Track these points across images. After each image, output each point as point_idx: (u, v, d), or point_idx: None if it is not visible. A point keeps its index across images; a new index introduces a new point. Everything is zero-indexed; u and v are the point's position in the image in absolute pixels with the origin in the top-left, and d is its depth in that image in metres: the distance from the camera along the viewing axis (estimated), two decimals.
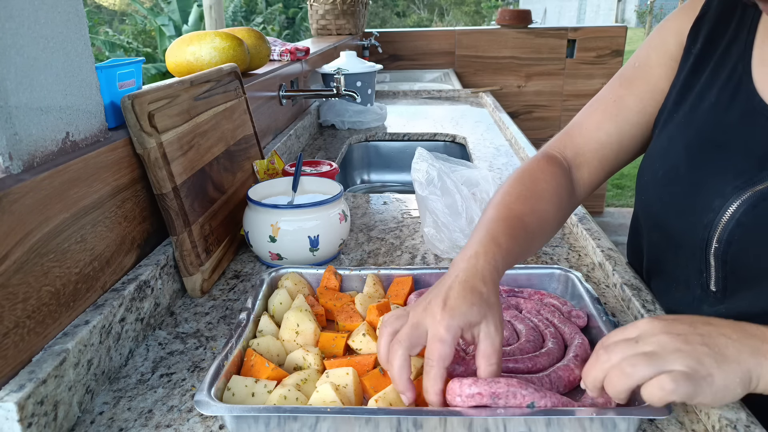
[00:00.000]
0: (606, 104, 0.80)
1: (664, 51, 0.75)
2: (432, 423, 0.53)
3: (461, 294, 0.54)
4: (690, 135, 0.68)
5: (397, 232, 1.08)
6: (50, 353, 0.56)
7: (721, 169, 0.63)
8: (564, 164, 0.79)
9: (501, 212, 0.67)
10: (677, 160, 0.68)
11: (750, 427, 0.53)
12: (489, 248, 0.60)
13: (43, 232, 0.57)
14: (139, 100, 0.76)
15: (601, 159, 0.80)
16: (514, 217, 0.66)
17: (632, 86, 0.78)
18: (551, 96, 3.71)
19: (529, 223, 0.67)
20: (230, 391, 0.57)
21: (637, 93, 0.77)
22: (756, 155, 0.61)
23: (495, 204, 0.69)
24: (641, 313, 0.74)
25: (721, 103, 0.65)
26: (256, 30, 1.44)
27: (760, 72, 0.63)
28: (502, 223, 0.65)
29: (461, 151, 1.95)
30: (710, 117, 0.66)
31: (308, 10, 3.22)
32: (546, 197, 0.72)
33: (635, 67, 0.79)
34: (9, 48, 0.55)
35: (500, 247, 0.61)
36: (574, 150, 0.81)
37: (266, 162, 1.18)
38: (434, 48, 3.66)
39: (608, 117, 0.79)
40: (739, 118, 0.63)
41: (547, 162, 0.78)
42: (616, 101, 0.78)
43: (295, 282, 0.78)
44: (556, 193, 0.74)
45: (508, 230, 0.64)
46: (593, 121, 0.80)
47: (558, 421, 0.53)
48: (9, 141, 0.56)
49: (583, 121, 0.82)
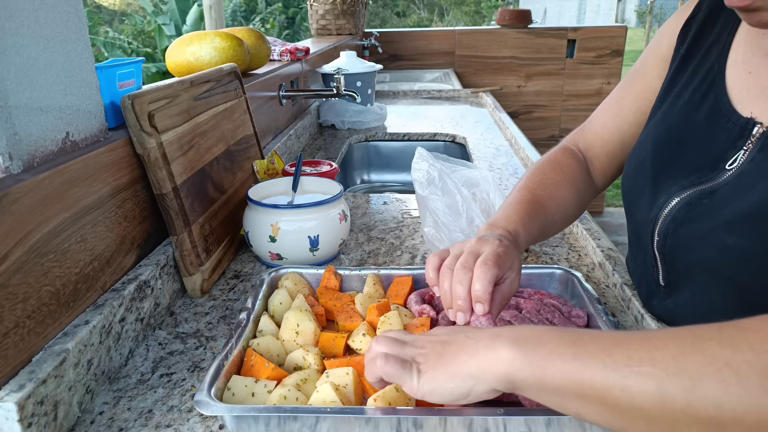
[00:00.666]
0: (610, 104, 0.85)
1: (657, 53, 0.77)
2: (432, 423, 0.53)
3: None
4: (660, 131, 0.69)
5: (397, 232, 1.08)
6: (50, 353, 0.56)
7: (678, 166, 0.65)
8: (580, 156, 0.86)
9: (524, 196, 0.74)
10: (645, 155, 0.70)
11: None
12: (513, 226, 0.68)
13: (43, 232, 0.57)
14: (139, 100, 0.76)
15: (608, 154, 0.85)
16: (536, 201, 0.74)
17: (631, 87, 0.81)
18: (551, 96, 3.71)
19: (548, 207, 0.75)
20: (230, 391, 0.57)
21: (635, 94, 0.80)
22: (711, 155, 0.61)
23: (518, 189, 0.76)
24: (641, 313, 0.74)
25: (693, 101, 0.66)
26: (256, 30, 1.44)
27: (732, 73, 0.63)
28: (525, 206, 0.72)
29: (461, 151, 1.95)
30: (681, 115, 0.67)
31: (308, 10, 3.22)
32: (564, 185, 0.79)
33: (636, 68, 0.82)
34: (9, 48, 0.55)
35: (524, 227, 0.69)
36: (585, 145, 0.87)
37: (266, 162, 1.18)
38: (434, 48, 3.66)
39: (611, 116, 0.84)
40: (704, 117, 0.64)
41: (564, 154, 0.84)
42: (618, 101, 0.83)
43: (295, 282, 0.78)
44: (573, 182, 0.81)
45: (531, 212, 0.71)
46: (599, 120, 0.86)
47: (558, 420, 0.53)
48: (9, 141, 0.56)
49: (593, 118, 0.88)
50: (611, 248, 0.93)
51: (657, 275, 0.69)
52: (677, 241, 0.63)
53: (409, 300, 0.75)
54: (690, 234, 0.61)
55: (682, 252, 0.63)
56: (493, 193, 0.96)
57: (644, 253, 0.71)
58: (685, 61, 0.70)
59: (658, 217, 0.65)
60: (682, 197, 0.62)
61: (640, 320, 0.74)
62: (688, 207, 0.62)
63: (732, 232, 0.56)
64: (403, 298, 0.76)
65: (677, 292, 0.67)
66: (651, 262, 0.69)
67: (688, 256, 0.62)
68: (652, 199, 0.67)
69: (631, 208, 0.73)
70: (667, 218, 0.64)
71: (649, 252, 0.68)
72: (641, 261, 0.73)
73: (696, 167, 0.62)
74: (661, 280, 0.69)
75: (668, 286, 0.68)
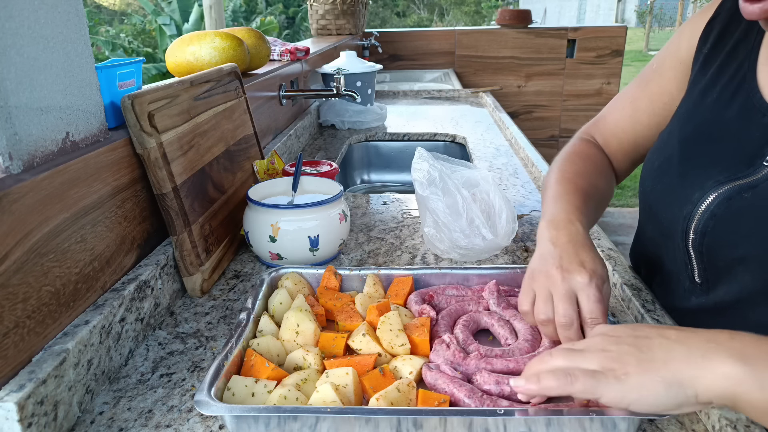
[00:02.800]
0: (624, 103, 0.85)
1: (676, 55, 0.76)
2: (432, 423, 0.53)
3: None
4: (688, 129, 0.69)
5: (397, 232, 1.08)
6: (50, 353, 0.56)
7: (710, 163, 0.64)
8: (600, 147, 0.88)
9: (569, 186, 0.73)
10: (672, 152, 0.70)
11: (750, 427, 0.53)
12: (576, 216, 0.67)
13: (43, 232, 0.57)
14: (139, 100, 0.76)
15: (622, 152, 0.87)
16: (581, 190, 0.73)
17: (647, 88, 0.81)
18: (551, 96, 3.71)
19: (592, 195, 0.74)
20: (230, 391, 0.57)
21: (649, 95, 0.80)
22: (746, 152, 0.61)
23: (558, 180, 0.75)
24: (641, 313, 0.74)
25: (723, 99, 0.65)
26: (256, 30, 1.44)
27: (764, 71, 0.62)
28: (576, 195, 0.71)
29: (461, 151, 1.95)
30: (710, 112, 0.66)
31: (308, 10, 3.22)
32: (596, 173, 0.79)
33: (652, 69, 0.81)
34: (9, 48, 0.55)
35: (584, 218, 0.68)
36: (601, 140, 0.88)
37: (266, 162, 1.18)
38: (434, 48, 3.66)
39: (625, 116, 0.84)
40: (736, 114, 0.63)
41: (588, 145, 0.85)
42: (632, 102, 0.83)
43: (295, 282, 0.78)
44: (603, 170, 0.82)
45: (584, 201, 0.71)
46: (613, 118, 0.87)
47: (558, 420, 0.53)
48: (9, 141, 0.56)
49: (606, 116, 0.88)
50: (611, 248, 0.93)
51: (692, 273, 0.67)
52: (717, 238, 0.61)
53: (409, 300, 0.75)
54: (732, 231, 0.60)
55: (723, 249, 0.61)
56: (493, 193, 0.96)
57: (674, 251, 0.69)
58: (708, 59, 0.70)
59: (693, 214, 0.63)
60: (720, 192, 0.61)
61: (640, 320, 0.74)
62: (728, 202, 0.60)
63: None
64: (403, 298, 0.76)
65: (715, 289, 0.65)
66: (683, 260, 0.68)
67: (730, 252, 0.60)
68: (684, 196, 0.65)
69: (656, 208, 0.72)
70: (704, 215, 0.62)
71: (681, 250, 0.67)
72: (671, 259, 0.71)
73: (731, 164, 0.61)
74: (696, 278, 0.67)
75: (705, 284, 0.66)
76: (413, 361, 0.63)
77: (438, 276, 0.79)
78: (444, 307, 0.75)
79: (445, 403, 0.56)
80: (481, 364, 0.61)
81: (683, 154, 0.67)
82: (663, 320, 0.72)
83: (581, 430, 0.53)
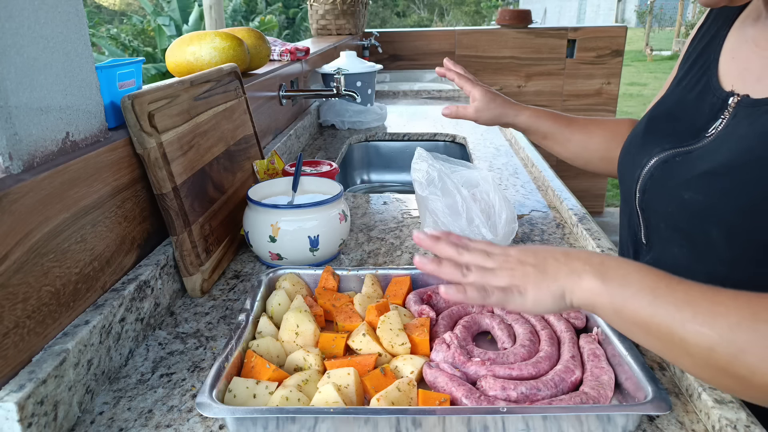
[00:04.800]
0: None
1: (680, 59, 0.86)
2: (431, 422, 0.53)
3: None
4: (657, 110, 0.79)
5: (397, 232, 1.08)
6: (50, 353, 0.56)
7: (666, 135, 0.72)
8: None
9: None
10: (639, 128, 0.79)
11: (750, 427, 0.53)
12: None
13: (43, 232, 0.57)
14: (139, 100, 0.76)
15: None
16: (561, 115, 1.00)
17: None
18: (551, 96, 3.71)
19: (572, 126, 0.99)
20: (231, 393, 0.57)
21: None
22: (696, 126, 0.69)
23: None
24: None
25: (689, 85, 0.75)
26: (256, 30, 1.44)
27: (723, 60, 0.71)
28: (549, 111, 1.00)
29: (461, 151, 1.95)
30: (677, 96, 0.76)
31: (308, 10, 3.22)
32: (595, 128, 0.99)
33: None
34: (9, 48, 0.55)
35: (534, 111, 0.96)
36: None
37: (266, 162, 1.18)
38: (434, 48, 3.66)
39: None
40: (696, 95, 0.72)
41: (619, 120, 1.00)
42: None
43: (293, 283, 0.78)
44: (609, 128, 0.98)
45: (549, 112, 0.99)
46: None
47: (556, 417, 0.53)
48: (9, 141, 0.56)
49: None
50: (611, 248, 0.93)
51: (640, 233, 0.76)
52: (651, 197, 0.71)
53: (408, 300, 0.75)
54: (660, 190, 0.69)
55: (653, 207, 0.71)
56: (492, 193, 0.96)
57: (630, 214, 0.78)
58: (687, 58, 0.79)
59: (640, 175, 0.73)
60: (660, 157, 0.70)
61: None
62: (663, 165, 0.69)
63: (689, 188, 0.64)
64: (402, 298, 0.76)
65: (654, 249, 0.74)
66: (636, 222, 0.76)
67: (657, 210, 0.71)
68: (638, 161, 0.74)
69: (621, 175, 0.81)
70: (646, 176, 0.72)
71: (634, 211, 0.76)
72: (627, 222, 0.79)
73: (682, 136, 0.70)
74: (643, 238, 0.75)
75: (648, 243, 0.74)
76: (414, 361, 0.63)
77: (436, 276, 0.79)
78: (442, 306, 0.75)
79: (445, 402, 0.56)
80: (481, 370, 0.61)
81: (647, 129, 0.77)
82: None
83: (578, 424, 0.53)
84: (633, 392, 0.57)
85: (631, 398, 0.57)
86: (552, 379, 0.59)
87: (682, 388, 0.62)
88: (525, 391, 0.58)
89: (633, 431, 0.55)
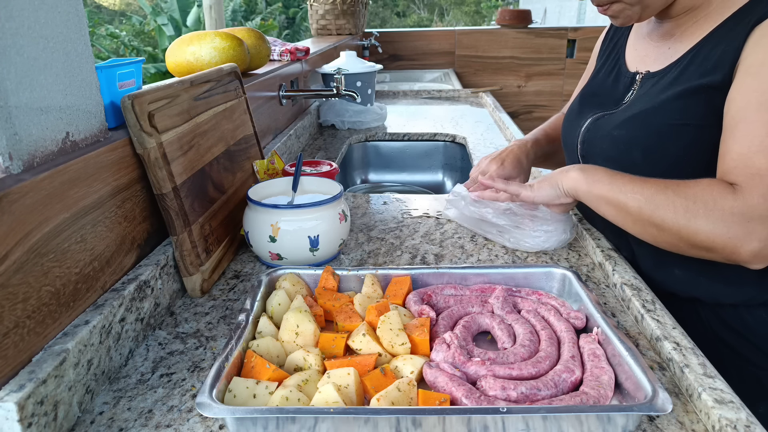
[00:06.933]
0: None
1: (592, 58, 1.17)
2: (431, 422, 0.53)
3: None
4: (586, 89, 1.07)
5: (397, 232, 1.08)
6: (50, 353, 0.56)
7: (594, 106, 1.00)
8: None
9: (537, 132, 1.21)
10: (575, 103, 1.07)
11: (750, 427, 0.53)
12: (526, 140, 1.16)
13: (43, 232, 0.57)
14: (139, 100, 0.76)
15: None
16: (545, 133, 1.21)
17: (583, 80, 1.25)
18: (551, 96, 3.71)
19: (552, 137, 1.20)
20: (231, 393, 0.57)
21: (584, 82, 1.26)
22: (615, 99, 0.96)
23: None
24: (641, 313, 0.74)
25: (607, 71, 1.03)
26: (256, 30, 1.44)
27: (629, 52, 1.00)
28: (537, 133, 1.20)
29: (461, 151, 1.95)
30: (600, 80, 1.04)
31: (308, 10, 3.22)
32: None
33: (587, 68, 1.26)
34: (9, 48, 0.55)
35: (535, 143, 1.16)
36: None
37: (266, 162, 1.18)
38: (434, 48, 3.66)
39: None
40: (612, 79, 1.00)
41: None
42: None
43: (293, 283, 0.78)
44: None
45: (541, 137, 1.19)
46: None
47: (556, 417, 0.53)
48: (9, 141, 0.56)
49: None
50: (611, 248, 0.94)
51: None
52: (588, 143, 0.97)
53: (408, 300, 0.75)
54: (595, 135, 0.96)
55: (591, 148, 0.97)
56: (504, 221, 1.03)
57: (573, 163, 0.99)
58: (602, 54, 1.09)
59: (580, 132, 1.00)
60: (593, 117, 0.98)
61: (640, 320, 0.74)
62: (596, 122, 0.97)
63: (617, 128, 0.90)
64: (402, 298, 0.76)
65: None
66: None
67: (593, 151, 0.96)
68: (577, 123, 1.01)
69: (564, 137, 1.07)
70: (584, 130, 0.98)
71: (576, 160, 1.01)
72: None
73: (606, 106, 0.97)
74: None
75: None
76: (414, 361, 0.63)
77: (436, 275, 0.79)
78: (442, 306, 0.75)
79: (445, 402, 0.56)
80: (481, 370, 0.61)
81: (581, 102, 1.05)
82: (663, 320, 0.72)
83: (578, 423, 0.53)
84: (633, 392, 0.57)
85: (631, 398, 0.57)
86: (552, 379, 0.59)
87: (682, 388, 0.62)
88: (525, 391, 0.58)
89: (633, 431, 0.55)
